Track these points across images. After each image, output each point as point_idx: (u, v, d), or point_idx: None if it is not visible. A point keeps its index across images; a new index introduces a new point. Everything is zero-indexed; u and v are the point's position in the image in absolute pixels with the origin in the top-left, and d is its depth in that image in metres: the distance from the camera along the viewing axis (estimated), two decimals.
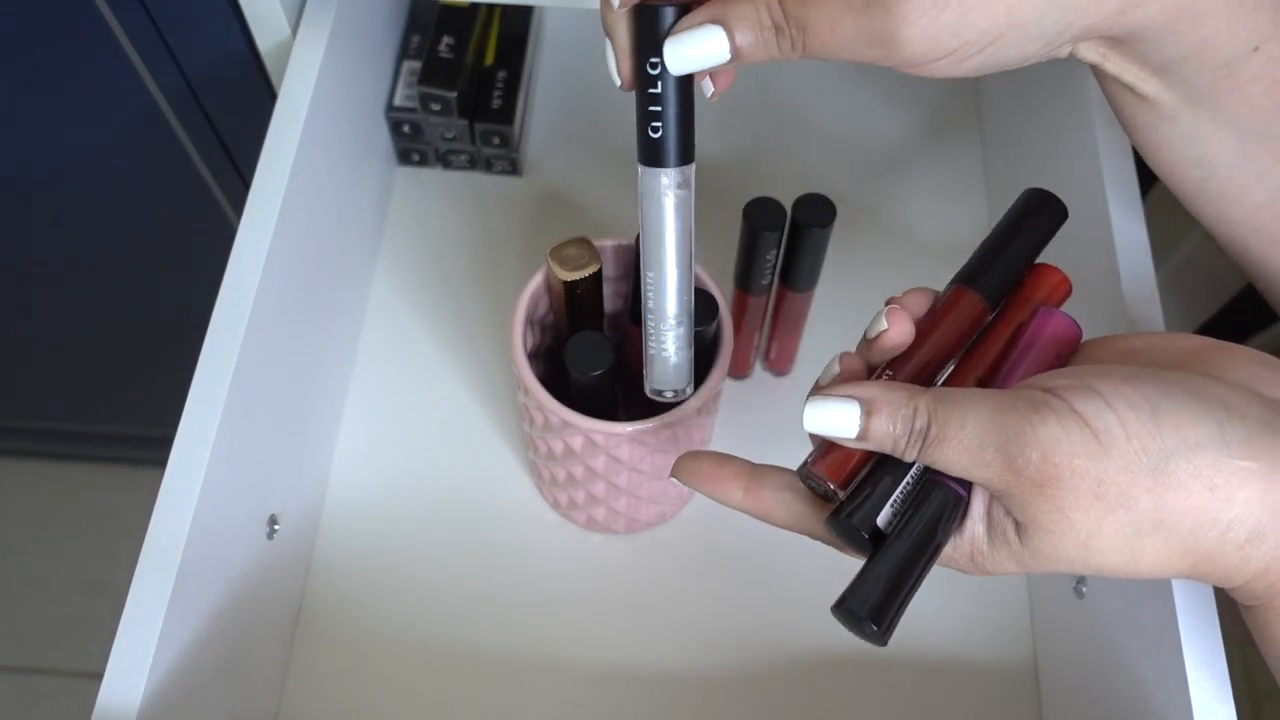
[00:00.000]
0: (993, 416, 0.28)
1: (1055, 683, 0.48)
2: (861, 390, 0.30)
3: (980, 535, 0.30)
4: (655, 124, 0.33)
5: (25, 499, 1.17)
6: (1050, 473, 0.27)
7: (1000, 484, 0.28)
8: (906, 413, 0.29)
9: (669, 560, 0.52)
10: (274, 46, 0.49)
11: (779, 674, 0.50)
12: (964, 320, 0.33)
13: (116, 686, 0.35)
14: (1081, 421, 0.27)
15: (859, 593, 0.30)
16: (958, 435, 0.28)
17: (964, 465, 0.29)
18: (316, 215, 0.48)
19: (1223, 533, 0.27)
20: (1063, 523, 0.27)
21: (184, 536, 0.37)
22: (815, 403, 0.31)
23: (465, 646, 0.50)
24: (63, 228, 0.72)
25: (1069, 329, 0.33)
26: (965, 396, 0.29)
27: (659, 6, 0.32)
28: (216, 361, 0.40)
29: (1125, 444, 0.27)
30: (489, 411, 0.56)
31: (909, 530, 0.30)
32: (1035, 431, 0.27)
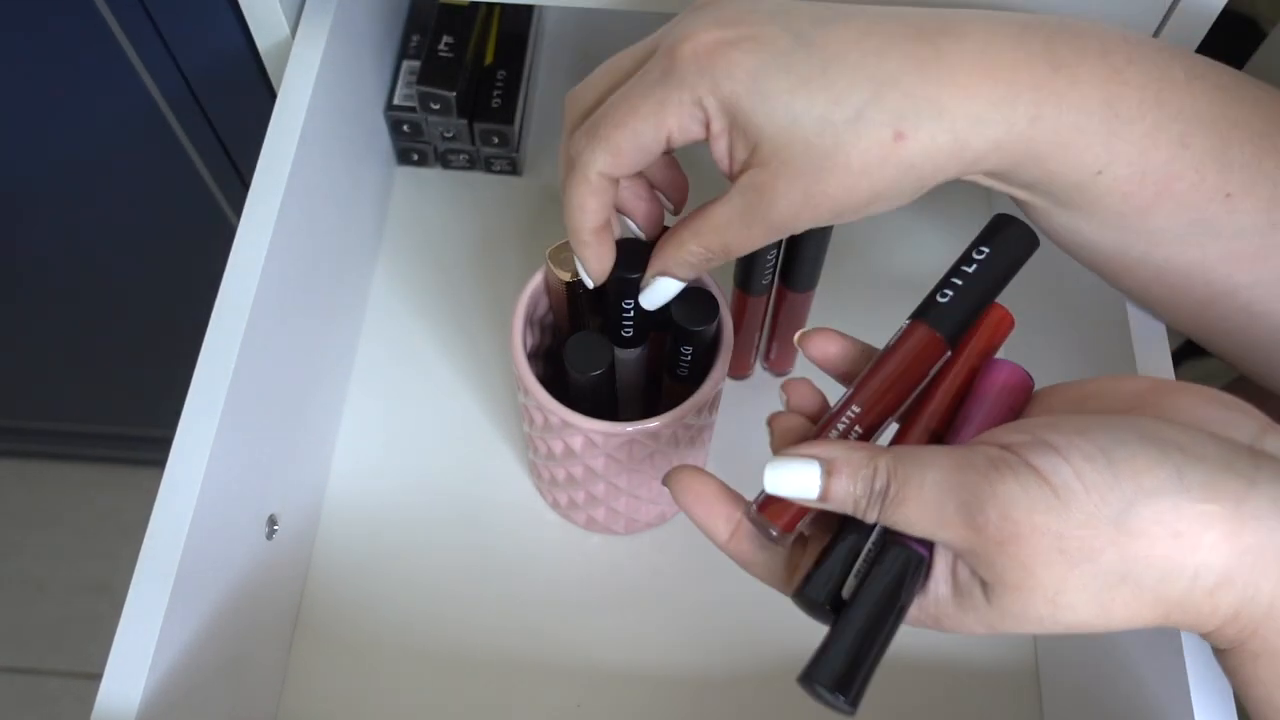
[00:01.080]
0: (951, 475, 0.28)
1: (1056, 683, 0.48)
2: (823, 450, 0.30)
3: (945, 596, 0.30)
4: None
5: (25, 499, 1.17)
6: (1011, 530, 0.27)
7: (963, 543, 0.28)
8: (867, 473, 0.29)
9: (669, 560, 0.52)
10: (273, 46, 0.49)
11: (779, 674, 0.50)
12: (920, 359, 0.33)
13: (116, 686, 0.35)
14: (1039, 477, 0.27)
15: (823, 665, 0.29)
16: (917, 495, 0.28)
17: (925, 525, 0.28)
18: (316, 215, 0.48)
19: (1191, 580, 0.26)
20: (1029, 580, 0.27)
21: (184, 536, 0.37)
22: (776, 464, 0.31)
23: (464, 647, 0.50)
24: (62, 228, 0.72)
25: (1019, 379, 0.32)
26: (924, 455, 0.29)
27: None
28: (216, 361, 0.40)
29: (1084, 497, 0.26)
30: (489, 411, 0.56)
31: (870, 596, 0.30)
32: (994, 490, 0.27)
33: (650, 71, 0.34)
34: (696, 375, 0.44)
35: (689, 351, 0.43)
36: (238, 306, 0.41)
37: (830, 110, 0.32)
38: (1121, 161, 0.33)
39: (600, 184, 0.36)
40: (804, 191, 0.33)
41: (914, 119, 0.32)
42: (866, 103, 0.32)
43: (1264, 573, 0.26)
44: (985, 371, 0.33)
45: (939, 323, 0.34)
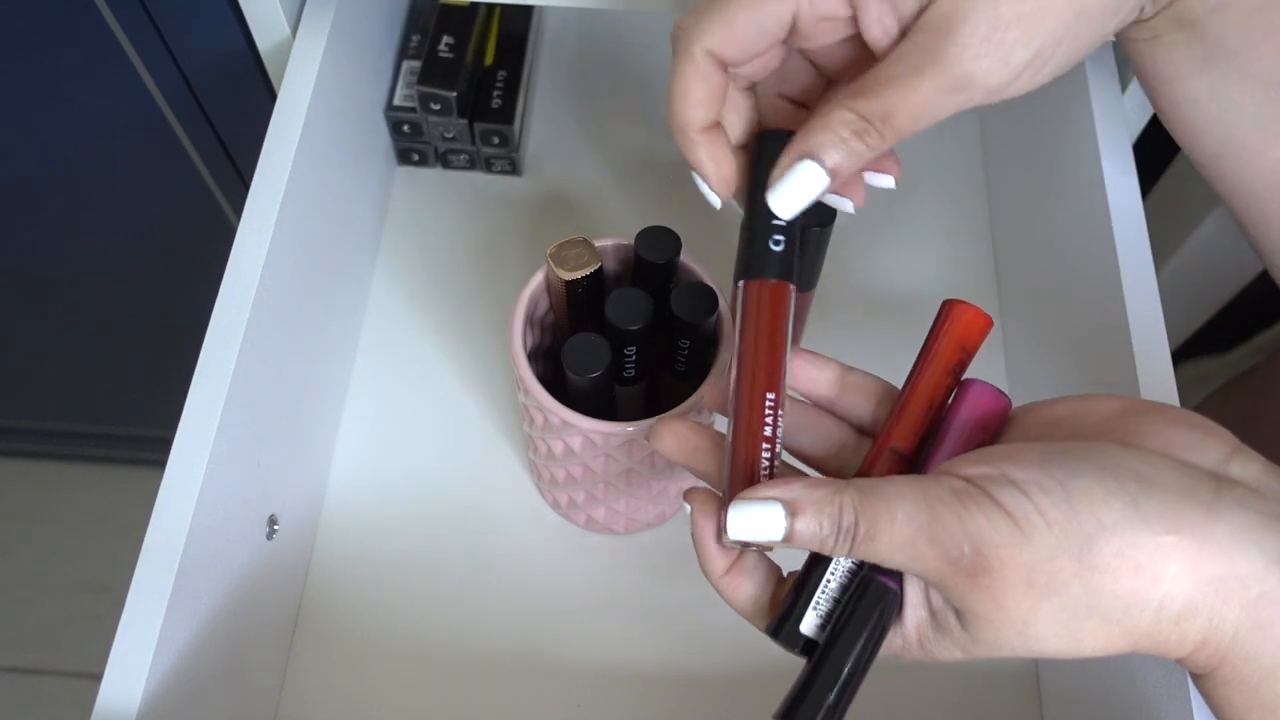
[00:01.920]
0: (921, 508, 0.28)
1: (1056, 683, 0.48)
2: (783, 491, 0.29)
3: (925, 621, 0.30)
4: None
5: (25, 499, 1.17)
6: (982, 564, 0.27)
7: (936, 575, 0.28)
8: (832, 510, 0.29)
9: (669, 560, 0.52)
10: (273, 46, 0.49)
11: (779, 674, 0.50)
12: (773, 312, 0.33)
13: (116, 687, 0.35)
14: (1002, 511, 0.27)
15: (798, 707, 0.29)
16: (889, 530, 0.28)
17: (899, 560, 0.28)
18: (316, 215, 0.48)
19: (1156, 611, 0.26)
20: (999, 612, 0.27)
21: (184, 536, 0.37)
22: (737, 508, 0.30)
23: (464, 646, 0.50)
24: (62, 227, 0.72)
25: (995, 404, 0.32)
26: (890, 488, 0.28)
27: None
28: (216, 361, 0.40)
29: (1046, 531, 0.26)
30: (489, 411, 0.56)
31: (843, 635, 0.30)
32: (963, 524, 0.27)
33: None
34: (695, 372, 0.44)
35: (686, 345, 0.43)
36: (238, 306, 0.41)
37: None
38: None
39: (708, 66, 0.31)
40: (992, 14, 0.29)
41: None
42: None
43: (1227, 601, 0.26)
44: (960, 395, 0.32)
45: (768, 271, 0.33)
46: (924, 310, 0.58)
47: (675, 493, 0.50)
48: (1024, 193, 0.57)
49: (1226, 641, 0.27)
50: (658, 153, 0.63)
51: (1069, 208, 0.50)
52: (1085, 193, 0.48)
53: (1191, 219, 0.74)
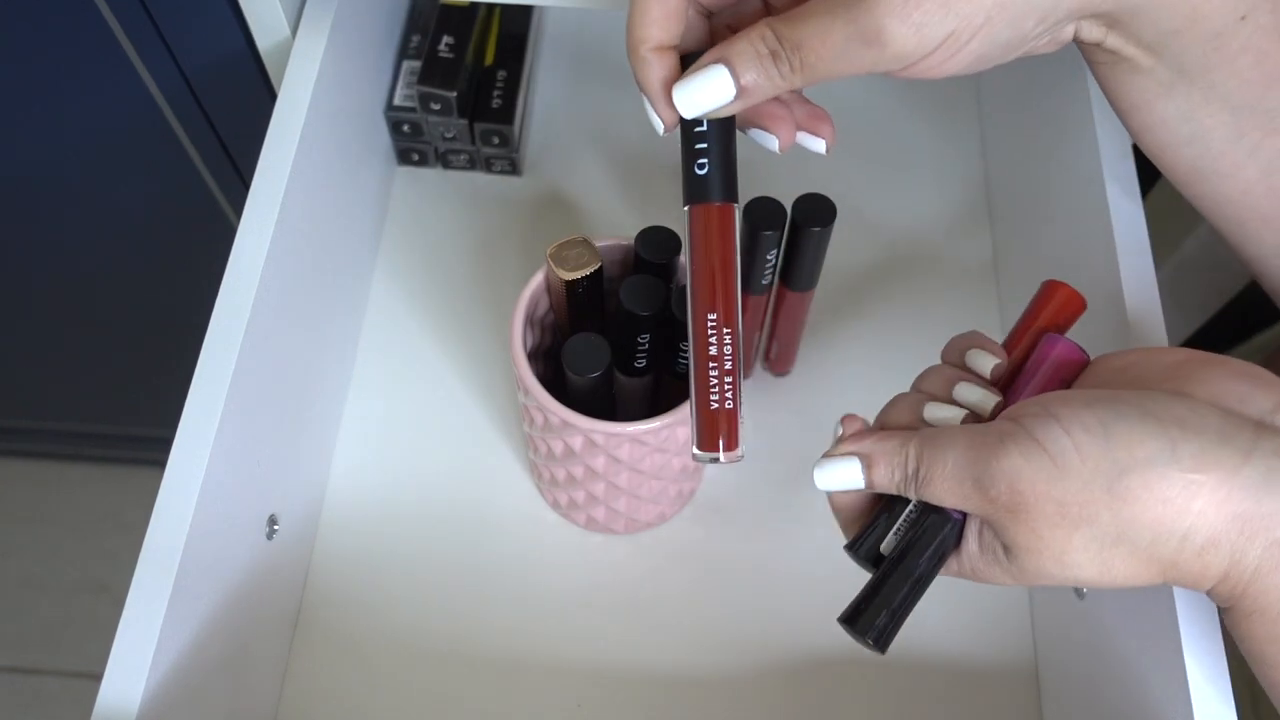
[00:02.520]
0: (966, 453, 0.31)
1: (1055, 683, 0.48)
2: (860, 446, 0.34)
3: (975, 552, 0.33)
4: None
5: (25, 499, 1.17)
6: (1018, 500, 0.30)
7: (982, 512, 0.31)
8: (900, 460, 0.33)
9: (669, 560, 0.52)
10: (274, 46, 0.49)
11: (778, 674, 0.50)
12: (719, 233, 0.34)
13: (116, 686, 0.35)
14: (1039, 447, 0.29)
15: (861, 609, 0.33)
16: (941, 474, 0.32)
17: (951, 499, 0.32)
18: (316, 215, 0.48)
19: (1180, 541, 0.28)
20: (1038, 542, 0.30)
21: (184, 536, 0.37)
22: (822, 465, 0.35)
23: (465, 646, 0.50)
24: (62, 227, 0.72)
25: (1073, 355, 0.34)
26: (945, 436, 0.32)
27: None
28: (216, 361, 0.40)
29: (1080, 465, 0.29)
30: (489, 411, 0.56)
31: (904, 555, 0.34)
32: (1000, 463, 0.30)
33: None
34: None
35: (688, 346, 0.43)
36: (238, 306, 0.41)
37: None
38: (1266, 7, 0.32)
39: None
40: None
41: None
42: None
43: (1251, 539, 0.28)
44: (1040, 347, 0.35)
45: (702, 195, 0.34)
46: (924, 311, 0.58)
47: (675, 493, 0.50)
48: (1024, 192, 0.57)
49: (1248, 576, 0.28)
50: (658, 153, 0.63)
51: (1069, 208, 0.50)
52: (1085, 194, 0.48)
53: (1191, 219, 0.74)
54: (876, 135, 0.64)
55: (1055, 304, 0.36)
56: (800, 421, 0.55)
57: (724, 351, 0.34)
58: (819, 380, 0.56)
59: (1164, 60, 0.33)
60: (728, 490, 0.53)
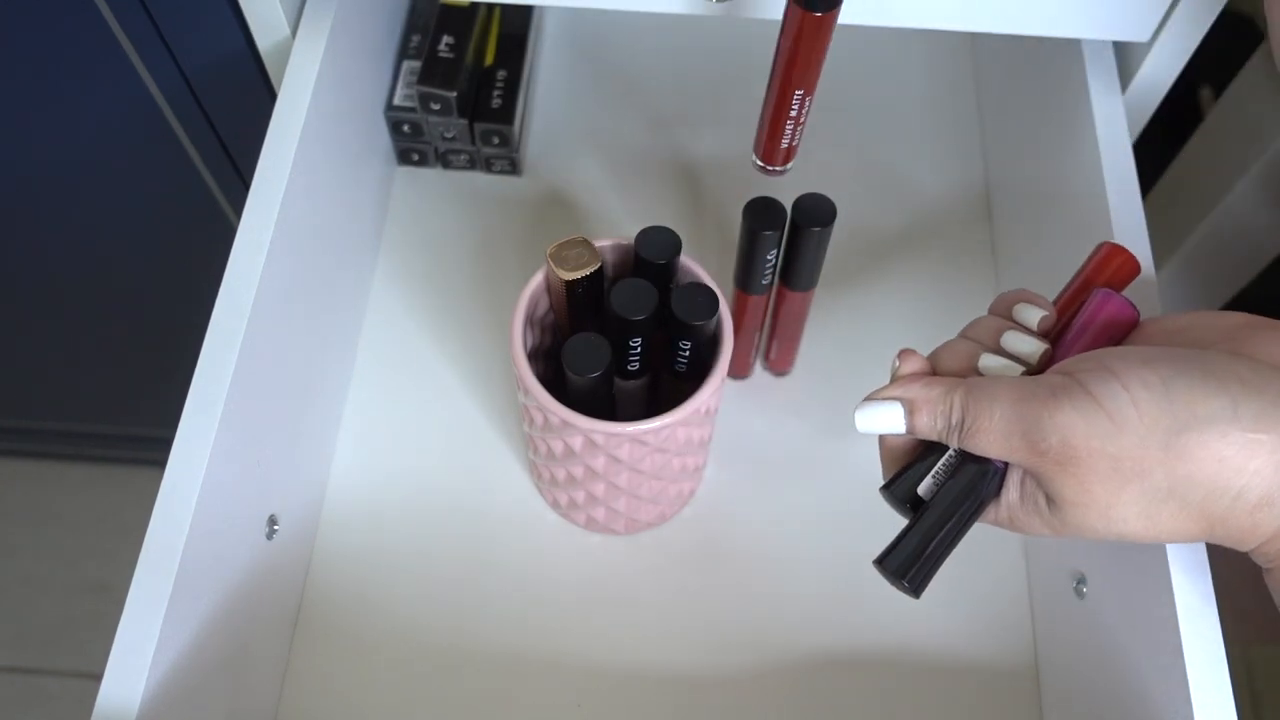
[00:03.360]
0: (1015, 406, 0.31)
1: (1055, 683, 0.48)
2: (904, 391, 0.34)
3: (1015, 502, 0.33)
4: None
5: (25, 499, 1.17)
6: (1070, 454, 0.29)
7: (1028, 464, 0.31)
8: (944, 408, 0.33)
9: (669, 560, 0.52)
10: (274, 46, 0.49)
11: (779, 674, 0.50)
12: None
13: (116, 686, 0.35)
14: (1095, 403, 0.29)
15: (895, 554, 0.34)
16: (988, 425, 0.31)
17: (996, 450, 0.32)
18: (316, 215, 0.48)
19: (1234, 499, 0.28)
20: (1085, 496, 0.30)
21: (184, 536, 0.37)
22: (864, 407, 0.35)
23: (465, 646, 0.50)
24: (62, 228, 0.72)
25: (1125, 312, 0.34)
26: (993, 387, 0.32)
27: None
28: (216, 361, 0.40)
29: (1137, 422, 0.29)
30: (489, 411, 0.56)
31: (941, 500, 0.34)
32: (1053, 417, 0.30)
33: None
34: (695, 373, 0.44)
35: (688, 346, 0.43)
36: (238, 306, 0.41)
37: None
38: None
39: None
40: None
41: None
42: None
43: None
44: (1092, 303, 0.35)
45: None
46: (924, 311, 0.58)
47: (675, 493, 0.50)
48: (1024, 192, 0.57)
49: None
50: (658, 153, 0.63)
51: (1069, 208, 0.50)
52: (1085, 193, 0.48)
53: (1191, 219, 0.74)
54: (877, 135, 0.64)
55: (1111, 267, 0.36)
56: (800, 421, 0.55)
57: (801, 114, 0.40)
58: (819, 380, 0.56)
59: None
60: (728, 490, 0.53)
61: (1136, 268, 0.36)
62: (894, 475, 0.36)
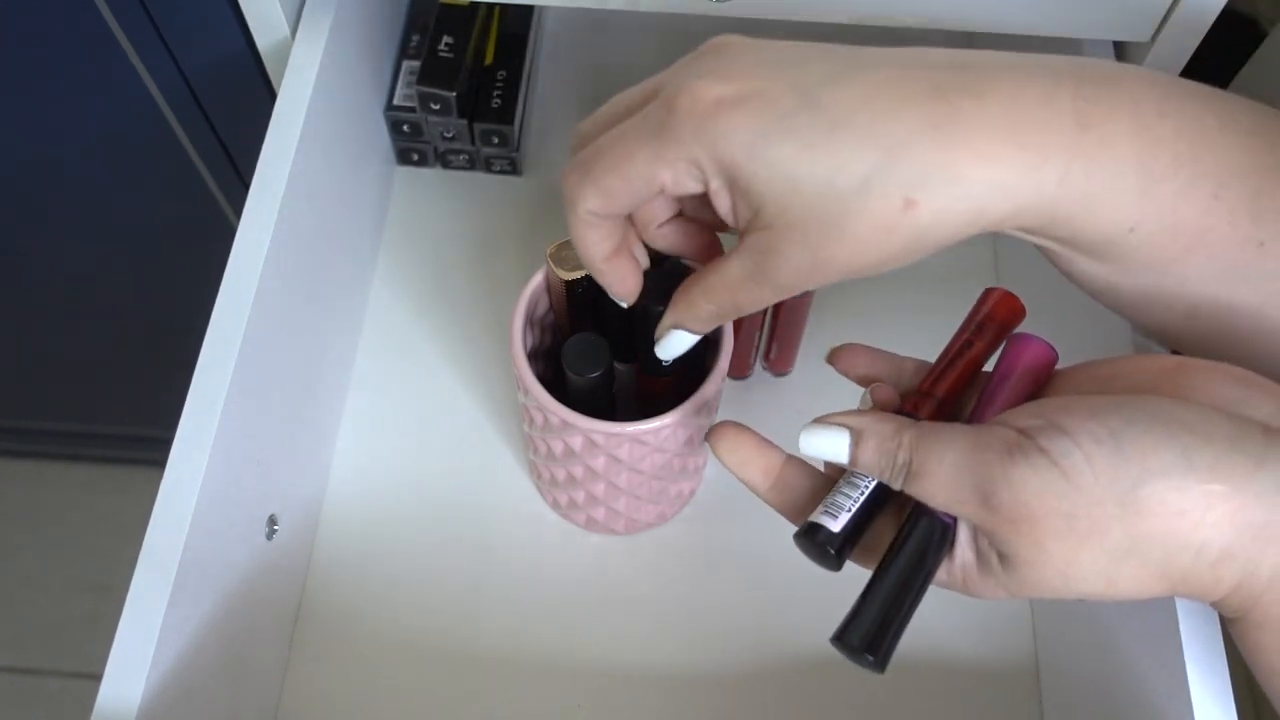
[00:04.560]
0: (968, 456, 0.29)
1: (1055, 683, 0.48)
2: (854, 420, 0.33)
3: (970, 562, 0.32)
4: None
5: (25, 499, 1.17)
6: (1024, 512, 0.28)
7: (978, 520, 0.30)
8: (890, 446, 0.31)
9: (669, 560, 0.52)
10: (273, 46, 0.49)
11: (779, 674, 0.50)
12: None
13: (116, 686, 0.35)
14: (1049, 461, 0.28)
15: (854, 627, 0.32)
16: (936, 472, 0.30)
17: (942, 500, 0.30)
18: (316, 215, 0.48)
19: (1195, 555, 0.27)
20: (1041, 555, 0.29)
21: (184, 536, 0.37)
22: (811, 429, 0.33)
23: (464, 647, 0.50)
24: (62, 227, 0.72)
25: (1046, 354, 0.33)
26: (945, 434, 0.30)
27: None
28: (216, 361, 0.40)
29: (1092, 479, 0.27)
30: (489, 411, 0.56)
31: (899, 562, 0.32)
32: (1007, 474, 0.28)
33: (649, 119, 0.33)
34: (695, 377, 0.44)
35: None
36: (238, 306, 0.41)
37: (835, 177, 0.30)
38: (1153, 218, 0.31)
39: (594, 220, 0.34)
40: (811, 256, 0.31)
41: (926, 187, 0.30)
42: (874, 170, 0.30)
43: (1264, 549, 0.27)
44: (1011, 348, 0.33)
45: None
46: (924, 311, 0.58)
47: (675, 493, 0.50)
48: None
49: (1261, 586, 0.28)
50: None
51: None
52: None
53: None
54: None
55: (1002, 313, 0.35)
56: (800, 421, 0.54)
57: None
58: (819, 380, 0.56)
59: (1063, 245, 0.33)
60: (728, 490, 0.53)
61: (1023, 312, 0.35)
62: (810, 523, 0.34)
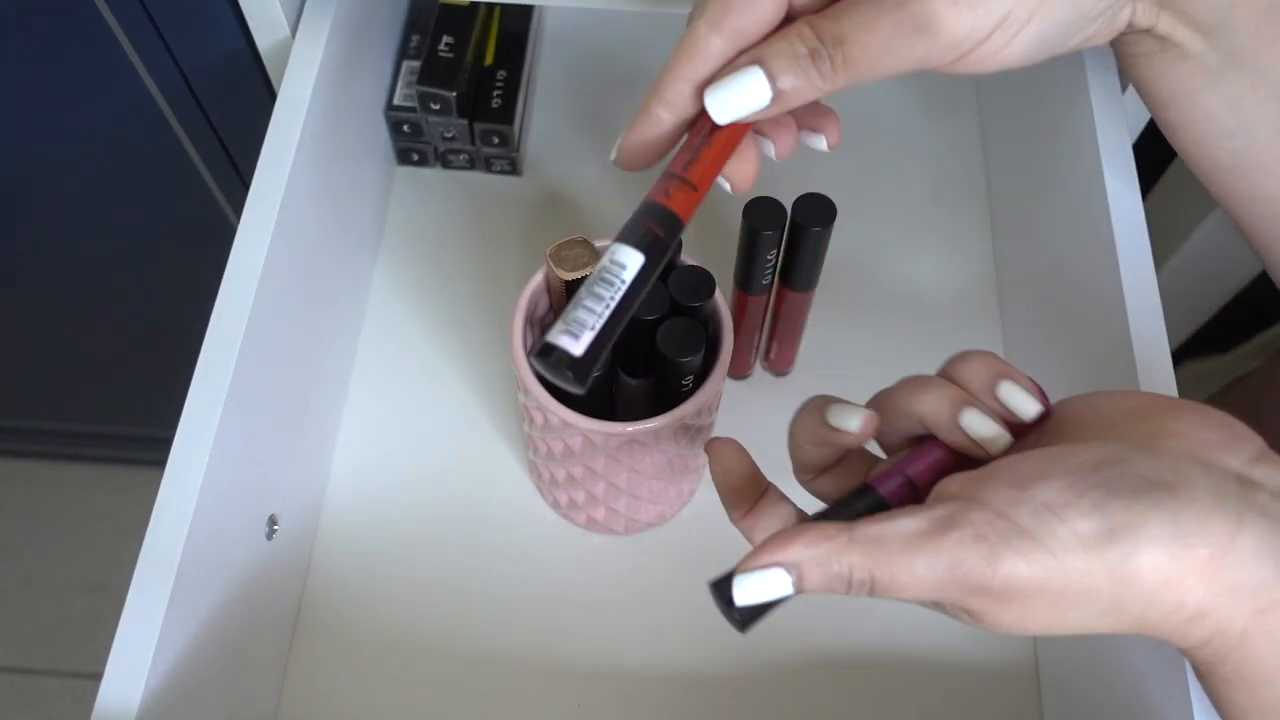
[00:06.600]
0: (943, 558, 0.27)
1: (1055, 683, 0.48)
2: (784, 555, 0.29)
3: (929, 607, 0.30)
4: None
5: (25, 499, 1.17)
6: (1015, 595, 0.27)
7: (963, 604, 0.28)
8: (839, 570, 0.28)
9: (669, 560, 0.52)
10: (274, 46, 0.49)
11: (779, 674, 0.50)
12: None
13: (116, 686, 0.35)
14: (1038, 545, 0.27)
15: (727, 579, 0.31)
16: (910, 581, 0.28)
17: (924, 599, 0.28)
18: (316, 215, 0.48)
19: (1170, 611, 0.27)
20: (1024, 623, 0.28)
21: (184, 536, 0.37)
22: (742, 579, 0.30)
23: (464, 647, 0.50)
24: (62, 228, 0.72)
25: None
26: (898, 543, 0.28)
27: None
28: (216, 361, 0.40)
29: (1083, 554, 0.27)
30: (489, 412, 0.56)
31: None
32: (996, 569, 0.27)
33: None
34: (698, 375, 0.44)
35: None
36: (238, 306, 0.41)
37: None
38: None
39: (704, 36, 0.31)
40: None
41: None
42: None
43: (1238, 608, 0.27)
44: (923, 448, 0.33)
45: None
46: (924, 310, 0.58)
47: (675, 493, 0.50)
48: (1024, 193, 0.57)
49: (1232, 643, 0.27)
50: None
51: (1069, 208, 0.50)
52: (1085, 193, 0.48)
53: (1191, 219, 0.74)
54: (876, 135, 0.64)
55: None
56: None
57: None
58: (819, 380, 0.56)
59: (1215, 43, 0.32)
60: None
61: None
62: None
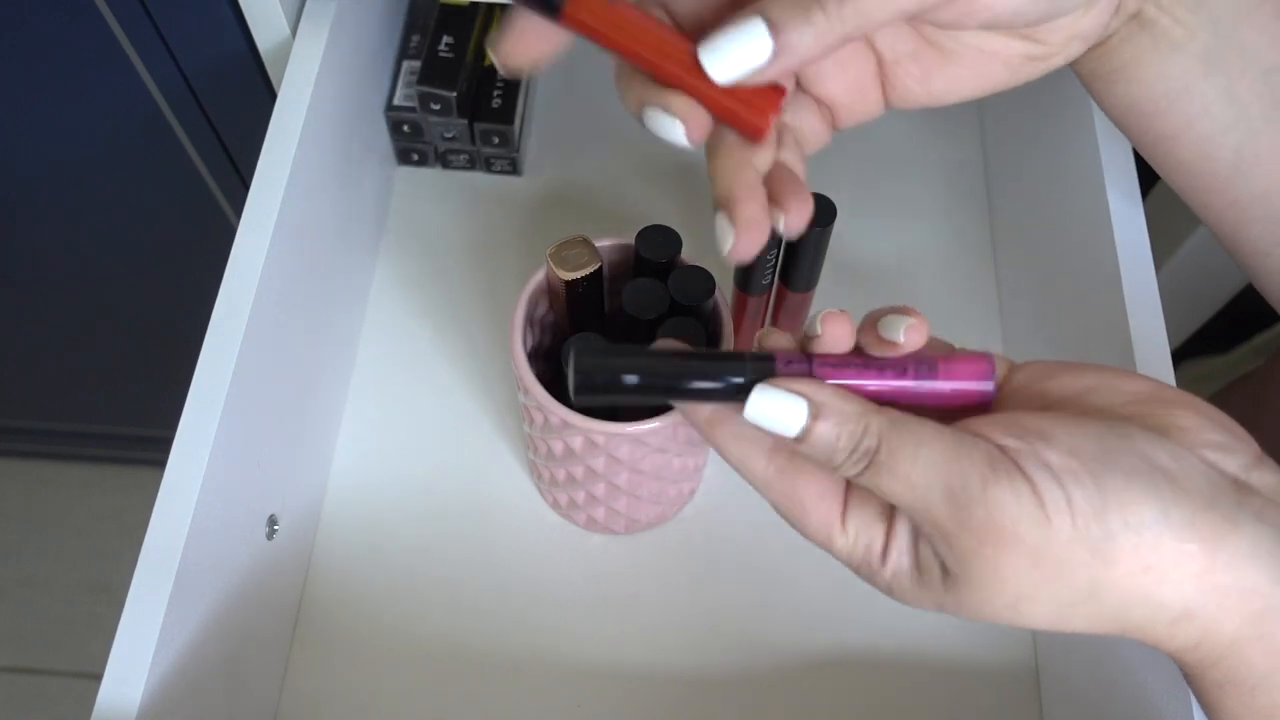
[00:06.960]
0: (947, 460, 0.27)
1: (1055, 683, 0.48)
2: (816, 391, 0.29)
3: (904, 569, 0.29)
4: None
5: (25, 499, 1.17)
6: (993, 533, 0.26)
7: (939, 528, 0.27)
8: (855, 429, 0.28)
9: (669, 560, 0.52)
10: (274, 46, 0.49)
11: (779, 674, 0.50)
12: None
13: (116, 686, 0.35)
14: (1032, 490, 0.26)
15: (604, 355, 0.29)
16: (907, 468, 0.27)
17: (908, 499, 0.28)
18: (316, 215, 0.48)
19: (1153, 610, 0.27)
20: (996, 583, 0.27)
21: (184, 536, 0.37)
22: (764, 390, 0.29)
23: (464, 647, 0.50)
24: (62, 228, 0.72)
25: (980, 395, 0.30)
26: (920, 430, 0.28)
27: None
28: (216, 361, 0.40)
29: (1069, 521, 0.26)
30: (489, 411, 0.56)
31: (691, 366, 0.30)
32: (986, 490, 0.26)
33: None
34: None
35: None
36: (238, 306, 0.41)
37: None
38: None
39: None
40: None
41: None
42: None
43: (1228, 612, 0.27)
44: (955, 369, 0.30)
45: None
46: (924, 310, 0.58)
47: (675, 493, 0.50)
48: (1024, 193, 0.57)
49: (1222, 647, 0.27)
50: (658, 153, 0.63)
51: (1069, 208, 0.50)
52: (1085, 193, 0.48)
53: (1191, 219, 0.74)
54: (876, 135, 0.64)
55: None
56: None
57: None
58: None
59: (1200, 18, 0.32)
60: (728, 490, 0.53)
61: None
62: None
